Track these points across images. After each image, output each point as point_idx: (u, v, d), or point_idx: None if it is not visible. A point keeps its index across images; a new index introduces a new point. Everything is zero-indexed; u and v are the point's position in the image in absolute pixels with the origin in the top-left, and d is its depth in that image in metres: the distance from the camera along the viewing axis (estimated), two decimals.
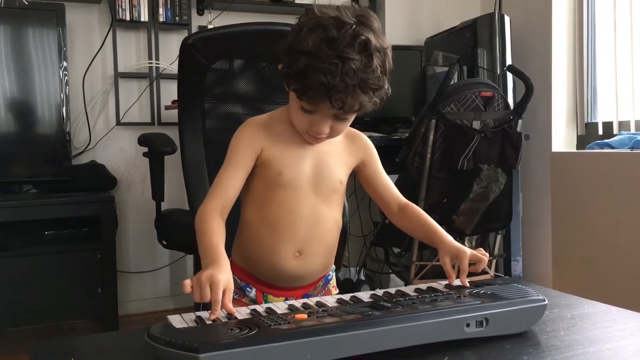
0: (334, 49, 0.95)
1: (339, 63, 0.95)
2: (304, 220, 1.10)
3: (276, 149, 1.08)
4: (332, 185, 1.12)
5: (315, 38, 0.96)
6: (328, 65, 0.94)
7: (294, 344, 0.71)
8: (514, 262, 2.81)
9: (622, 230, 2.45)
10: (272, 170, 1.08)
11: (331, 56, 0.95)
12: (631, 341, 0.84)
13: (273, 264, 1.11)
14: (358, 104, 0.99)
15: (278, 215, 1.09)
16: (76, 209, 2.54)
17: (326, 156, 1.12)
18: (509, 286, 0.93)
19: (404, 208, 1.17)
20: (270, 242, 1.10)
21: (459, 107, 2.31)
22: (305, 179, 1.10)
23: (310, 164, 1.10)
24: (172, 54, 2.97)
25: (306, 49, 0.96)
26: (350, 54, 0.95)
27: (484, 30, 2.88)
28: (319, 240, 1.13)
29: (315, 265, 1.14)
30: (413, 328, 0.78)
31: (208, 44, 1.75)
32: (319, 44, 0.96)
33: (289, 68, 0.99)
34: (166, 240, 2.19)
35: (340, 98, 0.97)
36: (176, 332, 0.76)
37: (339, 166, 1.14)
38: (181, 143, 1.75)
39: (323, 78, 0.94)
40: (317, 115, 1.03)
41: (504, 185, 2.47)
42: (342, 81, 0.95)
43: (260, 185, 1.10)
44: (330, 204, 1.13)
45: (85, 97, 2.92)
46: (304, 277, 1.15)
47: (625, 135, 2.55)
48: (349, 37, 0.96)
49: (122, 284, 2.89)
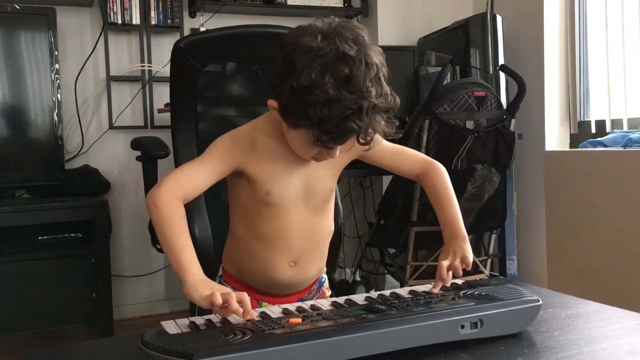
0: (354, 92, 0.89)
1: (362, 104, 0.89)
2: (297, 233, 1.07)
3: (261, 167, 1.03)
4: (323, 196, 1.09)
5: (331, 83, 0.88)
6: (352, 110, 0.89)
7: (288, 349, 0.71)
8: (509, 261, 2.81)
9: (617, 229, 2.46)
10: (259, 189, 1.03)
11: (354, 100, 0.89)
12: (626, 340, 0.84)
13: (268, 275, 1.09)
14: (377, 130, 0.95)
15: (270, 231, 1.06)
16: (70, 214, 2.53)
17: (315, 169, 1.07)
18: (503, 287, 0.93)
19: (422, 176, 1.15)
20: (264, 255, 1.08)
21: (452, 107, 2.32)
22: (295, 196, 1.05)
23: (299, 180, 1.06)
24: (165, 57, 2.96)
25: (325, 99, 0.89)
26: (369, 89, 0.90)
27: (477, 30, 2.88)
28: (313, 250, 1.11)
29: (310, 272, 1.13)
30: (408, 330, 0.78)
31: (200, 47, 1.74)
32: (336, 89, 0.88)
33: (302, 114, 0.91)
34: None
35: (367, 133, 0.93)
36: (170, 339, 0.76)
37: (329, 174, 1.10)
38: (174, 146, 1.74)
39: (353, 124, 0.90)
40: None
41: (498, 184, 2.48)
42: (365, 121, 0.91)
43: (247, 202, 1.06)
44: (323, 214, 1.11)
45: (78, 101, 2.91)
46: (300, 285, 1.14)
47: (618, 134, 2.55)
48: (363, 72, 0.90)
49: (117, 288, 2.87)
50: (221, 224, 1.05)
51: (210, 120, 1.82)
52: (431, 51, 3.02)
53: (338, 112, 0.89)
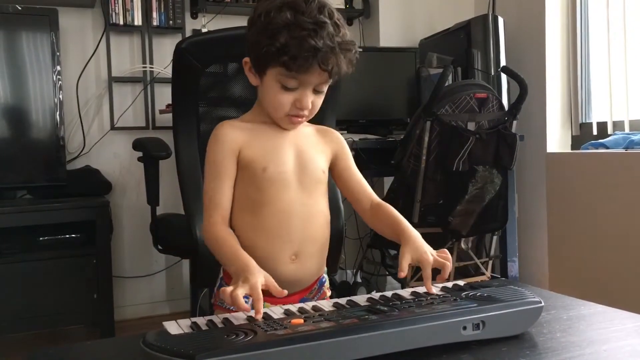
0: (310, 17, 1.02)
1: (317, 28, 1.01)
2: (296, 219, 1.10)
3: (255, 146, 1.10)
4: (316, 176, 1.14)
5: (289, 13, 1.02)
6: (308, 31, 1.01)
7: (290, 349, 0.71)
8: (510, 262, 2.81)
9: (618, 230, 2.46)
10: (255, 168, 1.09)
11: (310, 23, 1.01)
12: (628, 342, 0.84)
13: (270, 271, 1.08)
14: (337, 64, 1.04)
15: (271, 217, 1.09)
16: (71, 214, 2.53)
17: (305, 147, 1.14)
18: (505, 288, 0.93)
19: (376, 207, 1.16)
20: (266, 249, 1.10)
21: (453, 108, 2.32)
22: (290, 171, 1.11)
23: (292, 154, 1.12)
24: (166, 57, 2.96)
25: (283, 23, 1.01)
26: (324, 19, 1.03)
27: (478, 32, 2.88)
28: (312, 240, 1.13)
29: (311, 267, 1.15)
30: (410, 332, 0.78)
31: (202, 48, 1.74)
32: (294, 16, 1.01)
33: (269, 46, 1.02)
34: (161, 244, 2.18)
35: (326, 59, 1.02)
36: (172, 339, 0.75)
37: (318, 155, 1.16)
38: (176, 147, 1.74)
39: (311, 41, 1.00)
40: (300, 90, 1.06)
41: (499, 186, 2.48)
42: (326, 43, 1.01)
43: (247, 188, 1.10)
44: (317, 198, 1.14)
45: (79, 101, 2.91)
46: (301, 281, 1.15)
47: (620, 135, 2.55)
48: (316, 8, 1.03)
49: (118, 289, 2.88)
50: None
51: (212, 121, 1.81)
52: (433, 52, 3.02)
53: (297, 34, 1.01)
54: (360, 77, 2.95)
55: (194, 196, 1.68)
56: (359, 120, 3.02)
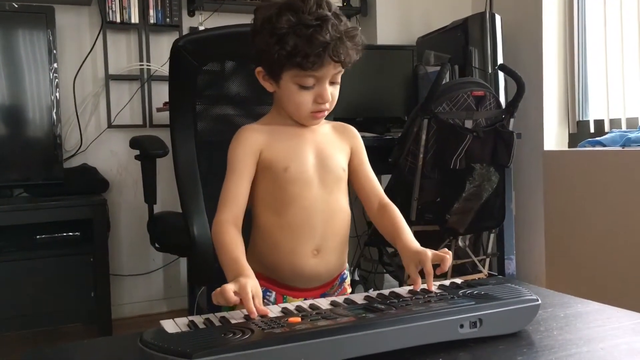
0: (311, 14, 1.03)
1: (321, 23, 1.03)
2: (319, 216, 1.12)
3: (276, 147, 1.12)
4: (337, 174, 1.15)
5: (290, 15, 1.03)
6: (314, 28, 1.02)
7: (287, 348, 0.71)
8: (508, 260, 2.82)
9: (615, 228, 2.46)
10: (277, 168, 1.11)
11: (313, 19, 1.03)
12: (625, 340, 0.84)
13: (292, 266, 1.13)
14: (347, 53, 1.06)
15: (295, 215, 1.11)
16: (68, 213, 2.53)
17: (324, 145, 1.16)
18: (502, 286, 0.93)
19: (383, 207, 1.19)
20: (289, 244, 1.12)
21: (451, 106, 2.31)
22: (311, 170, 1.12)
23: (312, 154, 1.14)
24: (163, 55, 2.96)
25: (288, 26, 1.03)
26: (326, 13, 1.04)
27: (475, 30, 2.88)
28: (333, 235, 1.15)
29: (332, 261, 1.17)
30: (407, 330, 0.78)
31: (199, 46, 1.74)
32: (297, 17, 1.03)
33: (280, 51, 1.04)
34: (159, 243, 2.18)
35: (337, 51, 1.04)
36: (169, 337, 0.75)
37: (338, 153, 1.17)
38: (173, 145, 1.74)
39: (319, 37, 1.02)
40: (317, 87, 1.08)
41: (496, 184, 2.48)
42: (332, 35, 1.03)
43: (270, 188, 1.12)
44: (338, 195, 1.16)
45: (76, 99, 2.90)
46: (322, 276, 1.17)
47: (617, 133, 2.55)
48: (315, 4, 1.05)
49: (115, 287, 2.87)
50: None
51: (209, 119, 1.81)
52: (430, 50, 3.01)
53: (304, 32, 1.02)
54: (357, 75, 2.95)
55: (191, 194, 1.68)
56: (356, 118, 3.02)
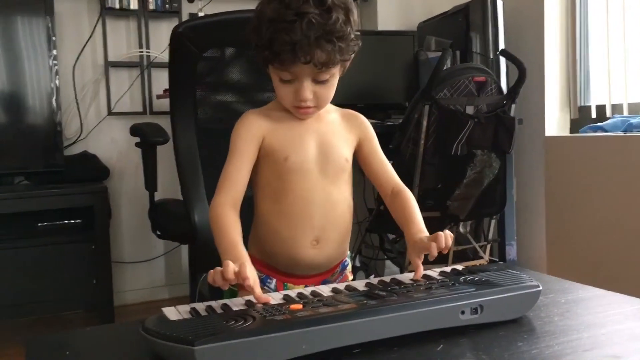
0: (291, 9, 0.99)
1: (297, 19, 0.98)
2: (318, 206, 1.11)
3: (278, 135, 1.10)
4: (339, 164, 1.13)
5: (273, 5, 1.01)
6: (288, 24, 0.98)
7: (289, 335, 0.71)
8: (509, 246, 2.82)
9: (617, 214, 2.46)
10: (278, 157, 1.09)
11: (289, 15, 0.99)
12: (626, 326, 0.84)
13: (292, 255, 1.12)
14: (325, 55, 1.01)
15: (293, 204, 1.10)
16: (69, 200, 2.53)
17: (328, 135, 1.14)
18: (503, 272, 0.93)
19: (396, 193, 1.16)
20: (288, 234, 1.11)
21: (452, 92, 2.30)
22: (312, 160, 1.11)
23: (314, 144, 1.12)
24: (163, 42, 2.94)
25: (267, 17, 1.01)
26: (306, 9, 0.99)
27: (477, 15, 2.86)
28: (333, 226, 1.14)
29: (332, 251, 1.16)
30: (408, 316, 0.78)
31: (199, 32, 1.73)
32: (277, 8, 1.00)
33: (258, 41, 1.03)
34: (160, 230, 2.18)
35: (306, 51, 0.99)
36: (171, 325, 0.75)
37: (342, 143, 1.15)
38: (173, 133, 1.74)
39: (286, 37, 0.98)
40: (296, 82, 1.05)
41: (497, 170, 2.48)
42: (305, 35, 0.98)
43: (270, 176, 1.11)
44: (340, 186, 1.14)
45: (76, 87, 2.89)
46: (322, 265, 1.16)
47: (618, 119, 2.55)
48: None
49: (117, 275, 2.88)
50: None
51: (209, 106, 1.81)
52: (431, 36, 3.00)
53: (276, 27, 0.99)
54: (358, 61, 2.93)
55: (192, 181, 1.68)
56: (357, 104, 3.00)
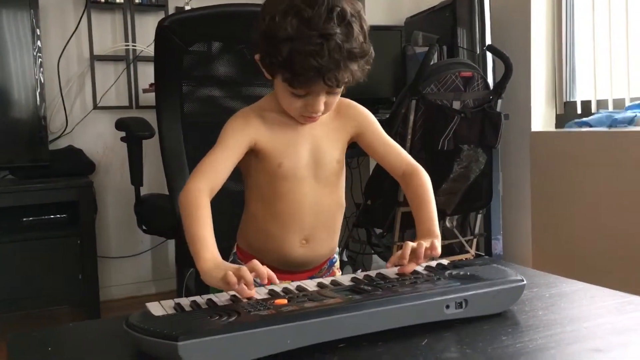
0: (314, 29, 0.93)
1: (323, 42, 0.93)
2: (309, 209, 1.10)
3: (272, 140, 1.07)
4: (331, 168, 1.12)
5: (292, 22, 0.94)
6: (313, 46, 0.93)
7: (274, 330, 0.71)
8: (495, 240, 2.84)
9: (601, 209, 2.49)
10: (271, 162, 1.07)
11: (314, 37, 0.93)
12: (609, 319, 0.85)
13: (280, 253, 1.12)
14: (349, 75, 0.98)
15: (283, 208, 1.09)
16: (54, 195, 2.51)
17: (320, 140, 1.11)
18: (487, 267, 0.94)
19: (407, 177, 1.14)
20: (278, 233, 1.11)
21: (439, 87, 2.31)
22: (305, 166, 1.09)
23: (307, 150, 1.09)
24: (149, 35, 2.90)
25: (286, 35, 0.94)
26: (332, 29, 0.94)
27: (464, 10, 2.86)
28: (324, 227, 1.14)
29: (321, 250, 1.16)
30: (393, 311, 0.78)
31: (185, 26, 1.72)
32: (297, 27, 0.94)
33: (272, 57, 0.97)
34: (146, 225, 2.17)
35: (334, 76, 0.96)
36: (155, 320, 0.75)
37: (334, 146, 1.12)
38: (159, 127, 1.73)
39: (313, 61, 0.93)
40: (310, 97, 1.01)
41: (484, 165, 2.48)
42: (331, 58, 0.94)
43: (262, 180, 1.10)
44: (332, 188, 1.13)
45: (61, 80, 2.86)
46: (311, 263, 1.16)
47: (604, 114, 2.57)
48: (325, 13, 0.94)
49: (103, 270, 2.86)
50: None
51: (195, 100, 1.80)
52: (418, 31, 3.00)
53: (299, 49, 0.93)
54: None
55: (178, 176, 1.67)
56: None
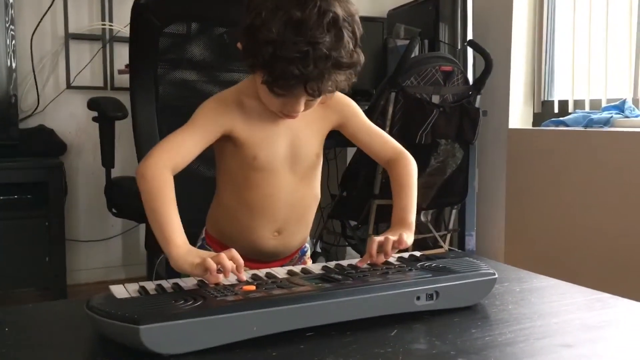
0: (301, 34, 0.86)
1: (309, 50, 0.86)
2: (283, 202, 1.06)
3: (248, 130, 1.01)
4: (309, 162, 1.08)
5: (279, 23, 0.87)
6: (297, 54, 0.86)
7: (239, 316, 0.69)
8: (468, 236, 2.85)
9: (575, 207, 2.51)
10: (246, 153, 1.02)
11: (300, 43, 0.86)
12: (577, 316, 0.85)
13: (251, 243, 1.08)
14: (332, 84, 0.92)
15: (256, 199, 1.05)
16: (23, 175, 2.45)
17: (299, 132, 1.05)
18: (460, 260, 0.93)
19: (392, 163, 1.12)
20: (249, 223, 1.07)
21: (418, 80, 2.30)
22: (281, 160, 1.04)
23: (284, 143, 1.04)
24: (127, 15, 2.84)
25: (270, 38, 0.87)
26: (320, 37, 0.87)
27: (447, 5, 2.87)
28: (297, 219, 1.11)
29: (293, 242, 1.14)
30: (363, 301, 0.77)
31: (162, 5, 1.69)
32: (283, 30, 0.87)
33: (254, 57, 0.91)
34: (116, 208, 2.13)
35: (316, 85, 0.90)
36: (117, 303, 0.73)
37: (313, 139, 1.08)
38: (132, 109, 1.70)
39: (295, 69, 0.87)
40: (289, 98, 0.95)
41: (460, 160, 2.49)
42: (316, 68, 0.87)
43: (235, 167, 1.05)
44: (308, 181, 1.09)
45: (34, 58, 2.79)
46: (282, 253, 1.14)
47: (580, 114, 2.59)
48: (315, 17, 0.87)
49: (72, 253, 2.81)
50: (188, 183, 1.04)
51: (170, 83, 1.77)
52: (400, 24, 2.99)
53: (283, 54, 0.87)
54: None
55: None
56: None
